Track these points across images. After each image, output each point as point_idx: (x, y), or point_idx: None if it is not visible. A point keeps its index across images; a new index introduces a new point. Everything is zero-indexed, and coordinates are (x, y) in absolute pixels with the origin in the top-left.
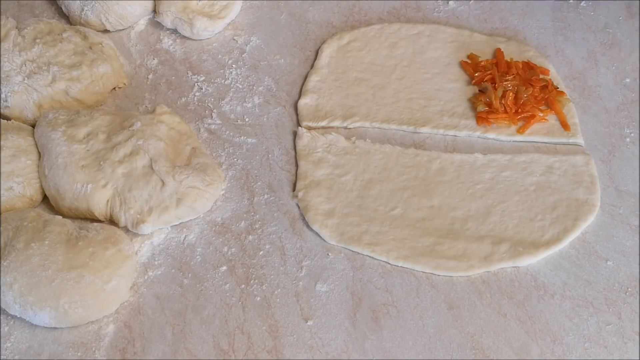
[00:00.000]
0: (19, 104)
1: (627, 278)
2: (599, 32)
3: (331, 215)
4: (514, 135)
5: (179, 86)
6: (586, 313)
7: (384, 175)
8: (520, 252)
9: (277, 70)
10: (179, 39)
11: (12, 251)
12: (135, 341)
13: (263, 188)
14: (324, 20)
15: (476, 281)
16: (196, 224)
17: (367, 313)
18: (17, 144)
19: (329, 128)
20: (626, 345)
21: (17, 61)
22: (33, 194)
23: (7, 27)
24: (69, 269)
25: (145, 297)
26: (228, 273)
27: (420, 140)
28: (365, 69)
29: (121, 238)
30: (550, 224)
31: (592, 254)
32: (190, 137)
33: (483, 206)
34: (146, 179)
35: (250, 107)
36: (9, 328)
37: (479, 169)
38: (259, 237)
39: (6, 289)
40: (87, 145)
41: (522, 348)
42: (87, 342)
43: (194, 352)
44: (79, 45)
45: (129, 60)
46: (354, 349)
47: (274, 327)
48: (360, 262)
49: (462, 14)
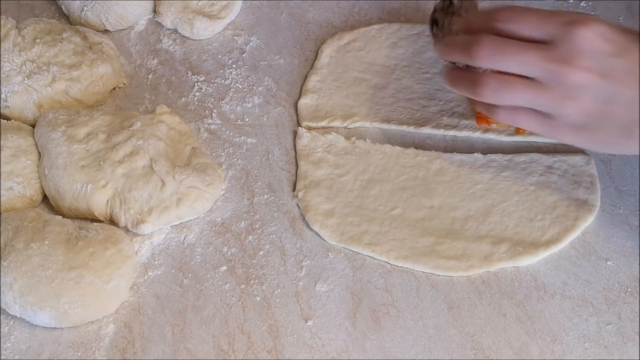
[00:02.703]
0: (19, 104)
1: (627, 278)
2: None
3: (331, 215)
4: (514, 135)
5: (179, 86)
6: (586, 313)
7: (384, 175)
8: (520, 252)
9: (277, 70)
10: (179, 39)
11: (12, 251)
12: (135, 341)
13: (263, 188)
14: (324, 20)
15: (476, 281)
16: (196, 224)
17: (367, 313)
18: (17, 144)
19: (329, 128)
20: (626, 345)
21: (17, 61)
22: (33, 194)
23: (7, 27)
24: (69, 269)
25: (145, 297)
26: (228, 273)
27: (420, 140)
28: (365, 69)
29: (121, 238)
30: (550, 224)
31: (592, 254)
32: (190, 137)
33: (483, 206)
34: (146, 179)
35: (250, 107)
36: (9, 328)
37: (479, 169)
38: (259, 237)
39: (6, 289)
40: (87, 145)
41: (522, 348)
42: (87, 342)
43: (194, 352)
44: (79, 45)
45: (129, 60)
46: (354, 349)
47: (274, 327)
48: (360, 262)
49: None
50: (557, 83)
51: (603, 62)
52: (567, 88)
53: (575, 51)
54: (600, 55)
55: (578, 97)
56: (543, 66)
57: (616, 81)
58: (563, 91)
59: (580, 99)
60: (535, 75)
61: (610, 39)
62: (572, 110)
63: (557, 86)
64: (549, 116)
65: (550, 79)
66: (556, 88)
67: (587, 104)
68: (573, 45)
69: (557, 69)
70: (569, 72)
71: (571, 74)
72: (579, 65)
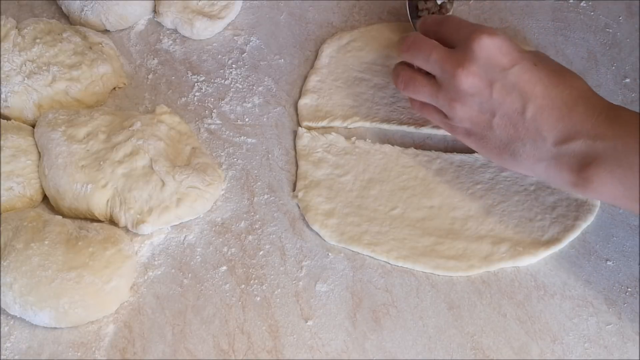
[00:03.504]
0: (19, 104)
1: (627, 278)
2: (599, 32)
3: (331, 215)
4: None
5: (179, 86)
6: (586, 313)
7: (384, 175)
8: (520, 252)
9: (277, 70)
10: (179, 39)
11: (12, 251)
12: (135, 341)
13: (263, 188)
14: (324, 20)
15: (476, 281)
16: (196, 224)
17: (367, 313)
18: (17, 144)
19: (329, 128)
20: (626, 345)
21: (17, 61)
22: (33, 194)
23: (7, 27)
24: (69, 269)
25: (145, 297)
26: (228, 273)
27: (420, 140)
28: (365, 69)
29: (121, 238)
30: (550, 224)
31: (592, 254)
32: (190, 137)
33: (483, 206)
34: (146, 179)
35: (250, 107)
36: (9, 328)
37: (479, 169)
38: (259, 237)
39: (6, 289)
40: (87, 145)
41: (522, 348)
42: (87, 342)
43: (194, 352)
44: (79, 45)
45: (129, 60)
46: (354, 349)
47: (274, 327)
48: (360, 262)
49: (462, 13)
50: (450, 85)
51: (493, 73)
52: (457, 91)
53: (470, 56)
54: (492, 65)
55: (465, 102)
56: (441, 65)
57: (500, 94)
58: (453, 94)
59: (467, 104)
60: (436, 73)
61: (507, 52)
62: (460, 113)
63: (449, 88)
64: (446, 116)
65: (445, 79)
66: (449, 89)
67: (472, 111)
68: (470, 50)
69: (450, 70)
70: (459, 74)
71: (460, 77)
72: (470, 69)
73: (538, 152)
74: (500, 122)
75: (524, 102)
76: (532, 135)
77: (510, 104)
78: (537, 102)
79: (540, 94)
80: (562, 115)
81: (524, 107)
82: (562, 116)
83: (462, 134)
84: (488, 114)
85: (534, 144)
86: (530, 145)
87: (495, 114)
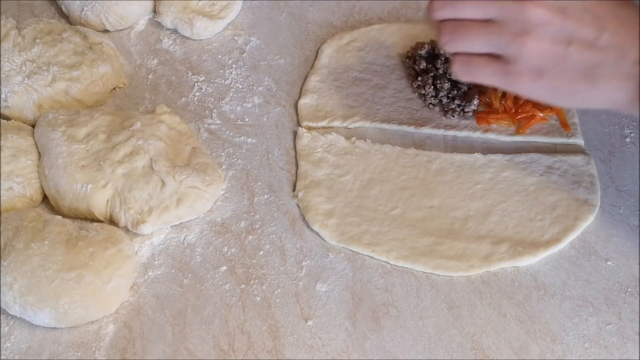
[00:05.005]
0: (19, 104)
1: (627, 278)
2: None
3: (331, 215)
4: (514, 135)
5: (179, 86)
6: (586, 313)
7: (384, 175)
8: (520, 252)
9: (277, 70)
10: (179, 39)
11: (12, 251)
12: (135, 341)
13: (263, 188)
14: (324, 20)
15: (476, 281)
16: (196, 224)
17: (367, 313)
18: (17, 144)
19: (329, 128)
20: (626, 345)
21: (17, 61)
22: (33, 194)
23: (7, 27)
24: (69, 269)
25: (145, 297)
26: (228, 273)
27: (420, 140)
28: (365, 69)
29: (121, 238)
30: (550, 224)
31: (592, 254)
32: (190, 137)
33: (483, 206)
34: (146, 179)
35: (250, 107)
36: (9, 328)
37: (479, 169)
38: (259, 237)
39: (6, 289)
40: (87, 145)
41: (522, 348)
42: (87, 342)
43: (194, 352)
44: (79, 45)
45: (129, 60)
46: (354, 349)
47: (274, 327)
48: (360, 262)
49: None
50: (513, 19)
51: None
52: (524, 23)
53: None
54: None
55: (535, 33)
56: (499, 5)
57: (574, 19)
58: (519, 27)
59: (538, 36)
60: (491, 15)
61: None
62: (530, 49)
63: (513, 22)
64: (506, 61)
65: (506, 15)
66: (512, 24)
67: (544, 43)
68: None
69: (512, 5)
70: (524, 6)
71: (527, 8)
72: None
73: (621, 72)
74: (576, 49)
75: (600, 23)
76: (612, 55)
77: (586, 28)
78: (613, 22)
79: (614, 14)
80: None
81: (601, 28)
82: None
83: (528, 80)
84: (562, 44)
85: (614, 65)
86: (611, 68)
87: (571, 42)
